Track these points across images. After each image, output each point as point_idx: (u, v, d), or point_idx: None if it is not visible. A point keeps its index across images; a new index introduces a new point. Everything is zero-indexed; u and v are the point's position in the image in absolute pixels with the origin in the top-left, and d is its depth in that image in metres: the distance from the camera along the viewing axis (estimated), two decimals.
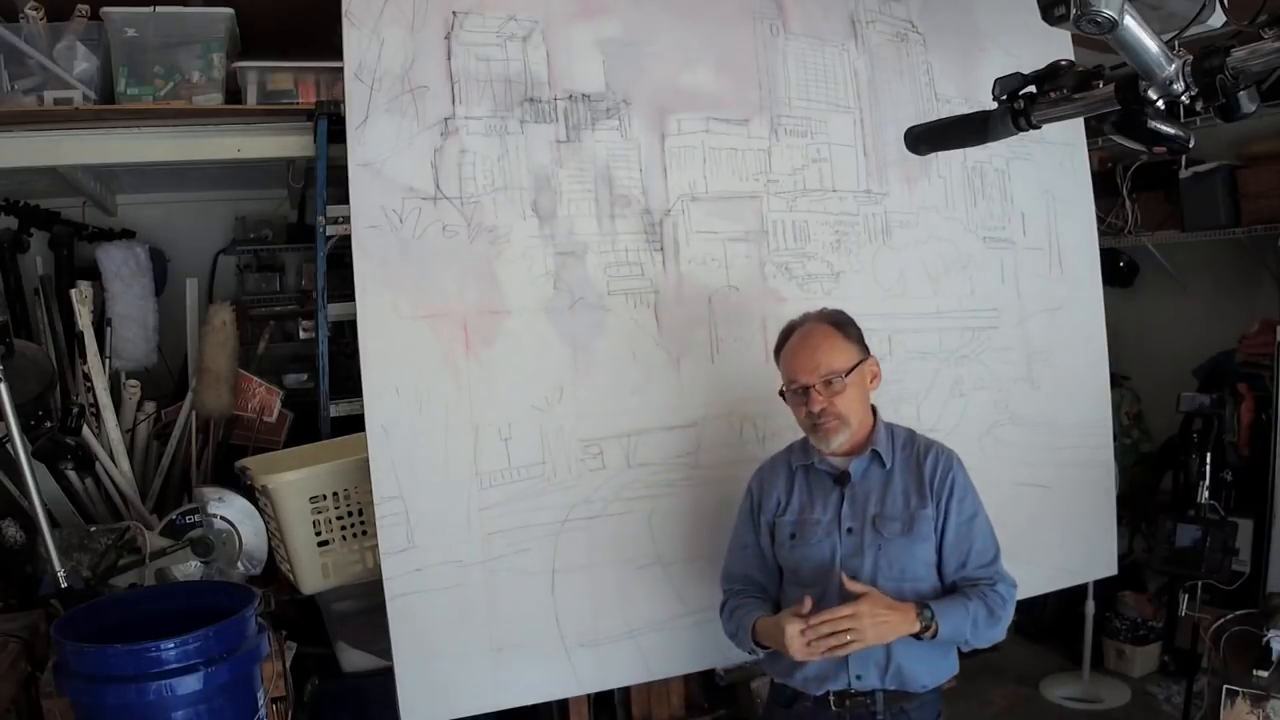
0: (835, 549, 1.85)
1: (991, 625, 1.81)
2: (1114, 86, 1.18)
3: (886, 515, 1.85)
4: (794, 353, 1.90)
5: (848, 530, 1.85)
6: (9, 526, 2.34)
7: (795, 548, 1.89)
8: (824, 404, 1.83)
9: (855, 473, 1.89)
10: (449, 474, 2.10)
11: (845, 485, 1.89)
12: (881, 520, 1.84)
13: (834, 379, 1.84)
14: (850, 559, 1.83)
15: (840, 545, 1.85)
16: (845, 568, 1.82)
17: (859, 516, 1.86)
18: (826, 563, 1.84)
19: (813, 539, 1.87)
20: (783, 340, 1.96)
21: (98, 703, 1.70)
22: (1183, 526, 3.12)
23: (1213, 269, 3.86)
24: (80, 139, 2.61)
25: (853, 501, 1.87)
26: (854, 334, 1.93)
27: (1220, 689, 2.23)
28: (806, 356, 1.87)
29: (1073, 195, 2.87)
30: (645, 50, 2.33)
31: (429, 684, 2.08)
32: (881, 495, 1.87)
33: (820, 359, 1.85)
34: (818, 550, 1.86)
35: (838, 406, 1.84)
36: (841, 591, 1.77)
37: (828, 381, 1.84)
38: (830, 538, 1.86)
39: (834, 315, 1.95)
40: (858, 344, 1.92)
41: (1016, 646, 3.94)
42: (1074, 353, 2.83)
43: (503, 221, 2.18)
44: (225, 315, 2.86)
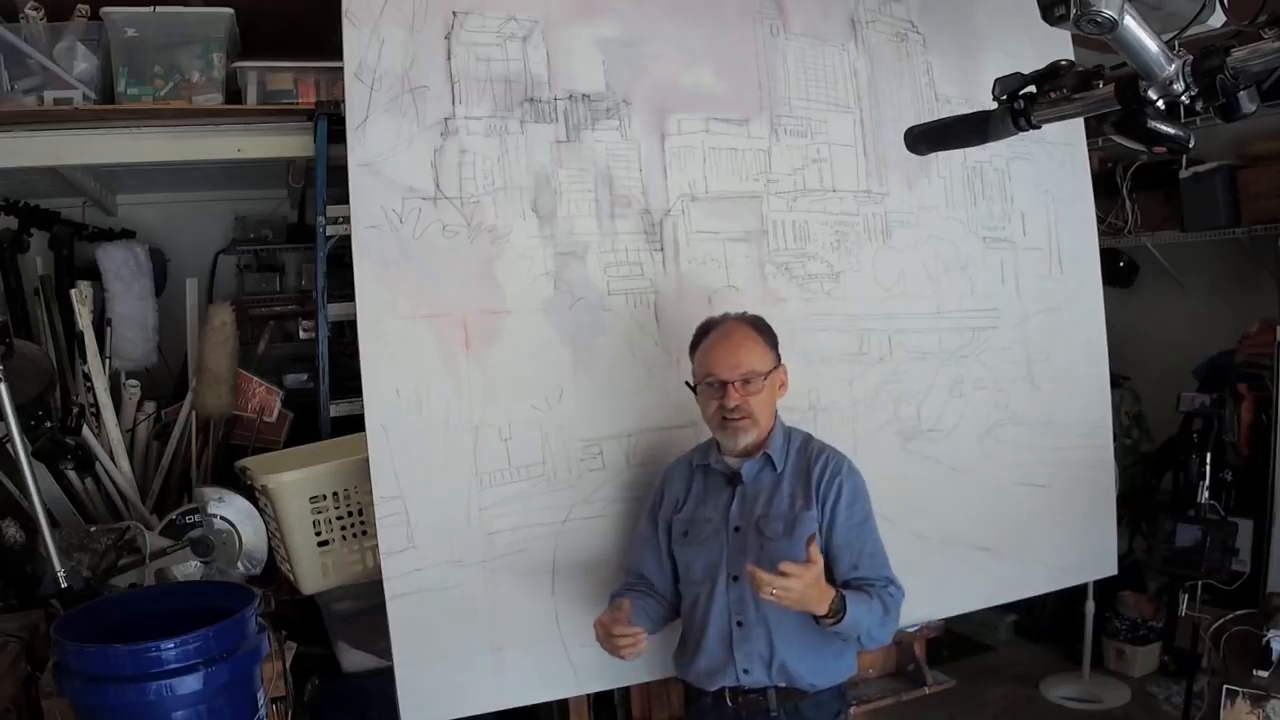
0: (722, 548, 1.90)
1: (886, 625, 1.82)
2: (1114, 86, 1.18)
3: (771, 516, 1.89)
4: (714, 348, 1.94)
5: (734, 529, 1.91)
6: (9, 526, 2.34)
7: (686, 545, 1.95)
8: (739, 401, 1.88)
9: (747, 474, 1.94)
10: (449, 474, 2.10)
11: (736, 485, 1.94)
12: (765, 521, 1.89)
13: (753, 379, 1.89)
14: (735, 556, 1.88)
15: (727, 544, 1.90)
16: (730, 567, 1.87)
17: (746, 516, 1.91)
18: (714, 561, 1.90)
19: (701, 536, 1.93)
20: (701, 335, 2.00)
21: (98, 703, 1.70)
22: (1183, 526, 3.13)
23: (1213, 269, 3.87)
24: (80, 139, 2.61)
25: (742, 502, 1.92)
26: (772, 340, 1.99)
27: (1220, 689, 2.23)
28: (729, 353, 1.91)
29: (1073, 195, 2.87)
30: (645, 50, 2.33)
31: (429, 684, 2.08)
32: (770, 497, 1.91)
33: (742, 358, 1.90)
34: (706, 548, 1.92)
35: (751, 406, 1.89)
36: (729, 588, 1.86)
37: (746, 380, 1.89)
38: (719, 536, 1.91)
39: (755, 319, 2.00)
40: (774, 350, 1.98)
41: (1016, 646, 3.95)
42: (1074, 353, 2.83)
43: (503, 221, 2.18)
44: (225, 315, 2.87)
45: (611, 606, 1.88)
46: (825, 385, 2.44)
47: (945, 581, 2.56)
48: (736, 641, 1.87)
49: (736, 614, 1.87)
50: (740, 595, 1.86)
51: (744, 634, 1.87)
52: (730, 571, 1.88)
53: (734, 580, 1.87)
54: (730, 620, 1.87)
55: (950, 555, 2.57)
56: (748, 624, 1.86)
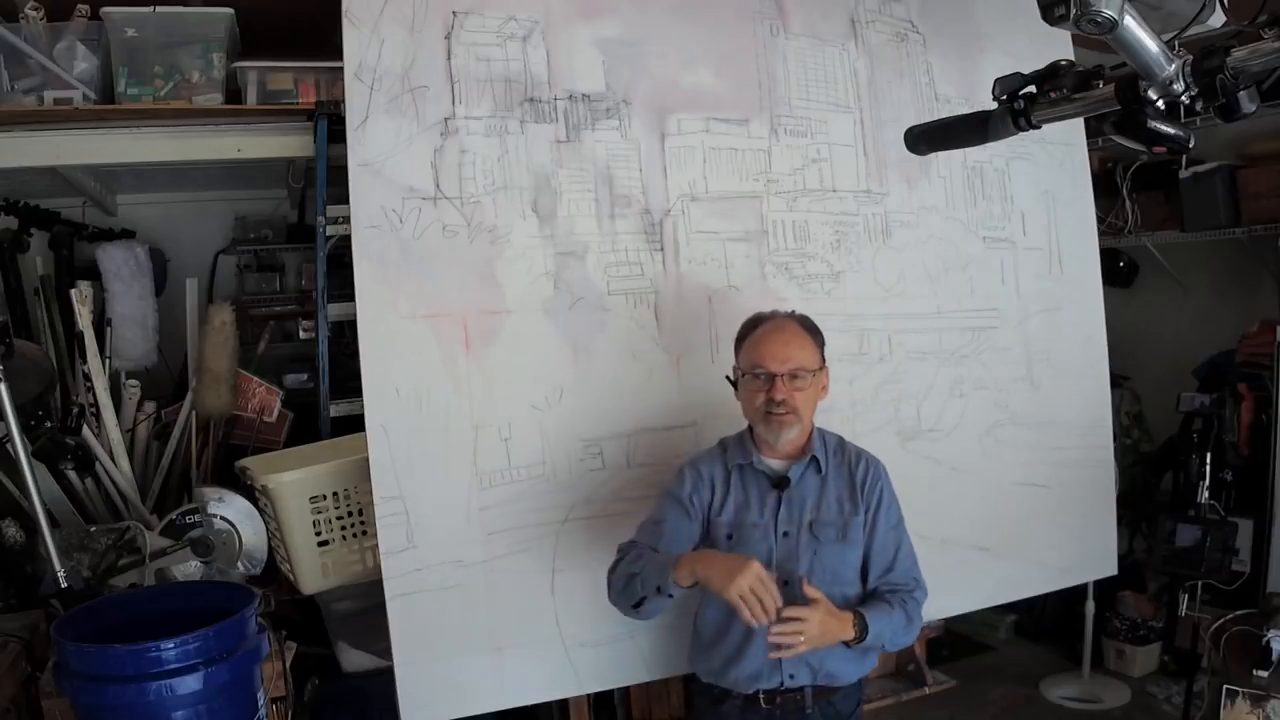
0: (771, 552, 1.86)
1: (908, 633, 1.87)
2: (1114, 86, 1.18)
3: (823, 521, 1.87)
4: (764, 341, 1.90)
5: (783, 534, 1.87)
6: (9, 526, 2.34)
7: (732, 549, 1.87)
8: (786, 395, 1.84)
9: (794, 477, 1.90)
10: (449, 474, 2.10)
11: (784, 489, 1.89)
12: (818, 525, 1.87)
13: (801, 374, 1.86)
14: (785, 562, 1.85)
15: (776, 548, 1.86)
16: (780, 571, 1.82)
17: (795, 520, 1.87)
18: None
19: (749, 541, 1.87)
20: (750, 328, 1.96)
21: (98, 703, 1.70)
22: (1183, 526, 3.12)
23: (1213, 269, 3.86)
24: (80, 139, 2.61)
25: (789, 505, 1.88)
26: (820, 341, 1.95)
27: (1220, 689, 2.23)
28: (779, 347, 1.88)
29: (1073, 195, 2.88)
30: (645, 50, 2.33)
31: (429, 684, 2.08)
32: (817, 501, 1.89)
33: (793, 353, 1.87)
34: (754, 552, 1.82)
35: (796, 401, 1.86)
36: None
37: (795, 375, 1.86)
38: (766, 540, 1.87)
39: (805, 319, 1.97)
40: (821, 352, 1.95)
41: (1016, 646, 3.95)
42: (1074, 353, 2.83)
43: (503, 221, 2.18)
44: (225, 315, 2.87)
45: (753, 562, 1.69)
46: None
47: (945, 581, 2.55)
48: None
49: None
50: (791, 599, 1.77)
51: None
52: (780, 577, 1.80)
53: (783, 586, 1.79)
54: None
55: (950, 555, 2.57)
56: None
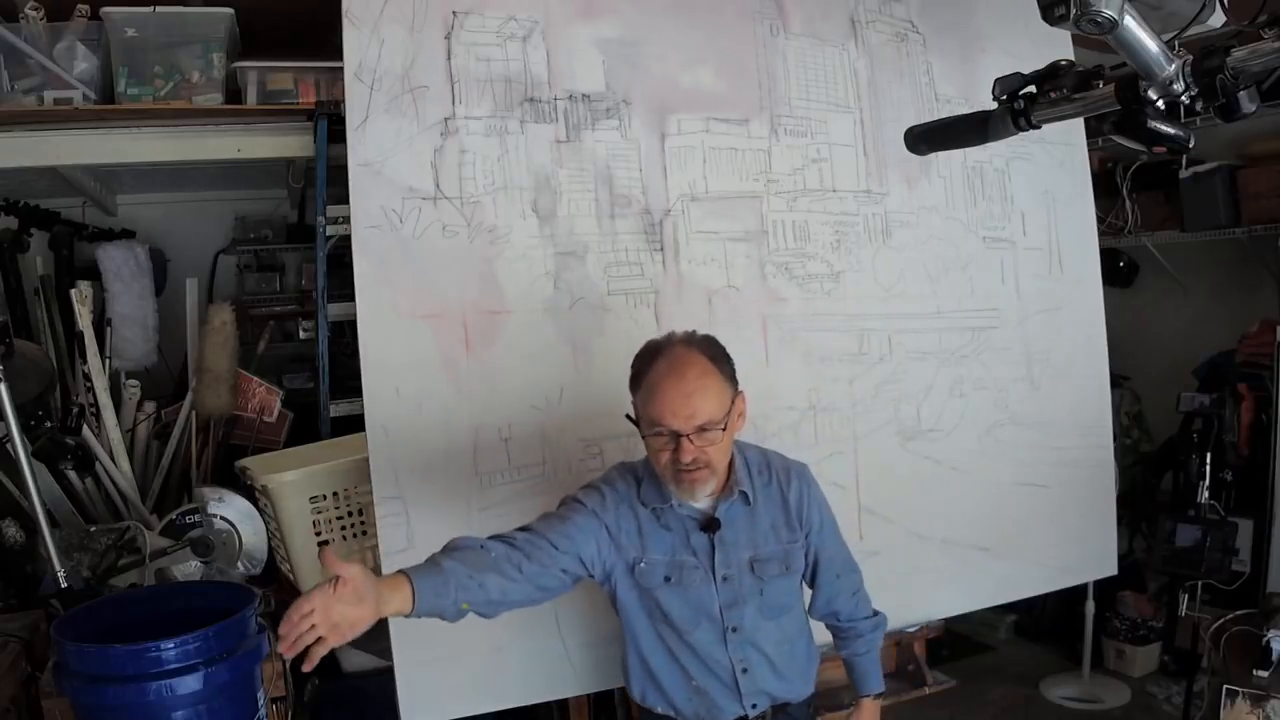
0: (714, 598, 1.72)
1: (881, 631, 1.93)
2: (1114, 86, 1.18)
3: (762, 557, 1.73)
4: (663, 390, 1.60)
5: (723, 579, 1.72)
6: (9, 526, 2.35)
7: (671, 590, 1.72)
8: (695, 454, 1.60)
9: (723, 517, 1.71)
10: (449, 474, 2.10)
11: (714, 532, 1.70)
12: (759, 563, 1.73)
13: (710, 429, 1.59)
14: (730, 609, 1.72)
15: (718, 595, 1.72)
16: (727, 619, 1.72)
17: (734, 563, 1.72)
18: (705, 608, 1.73)
19: (688, 582, 1.72)
20: (645, 364, 1.66)
21: (98, 703, 1.70)
22: (1183, 526, 3.13)
23: (1213, 269, 3.87)
24: (80, 139, 2.62)
25: (724, 546, 1.71)
26: (728, 369, 1.66)
27: (1220, 689, 2.23)
28: (680, 400, 1.58)
29: (1073, 195, 2.87)
30: (645, 50, 2.33)
31: (429, 684, 2.08)
32: (750, 535, 1.73)
33: (696, 405, 1.58)
34: (695, 594, 1.72)
35: (709, 455, 1.61)
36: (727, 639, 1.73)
37: (703, 430, 1.59)
38: (707, 585, 1.72)
39: (707, 345, 1.67)
40: (731, 380, 1.66)
41: (1016, 646, 3.95)
42: (1074, 353, 2.83)
43: (503, 221, 2.17)
44: (225, 315, 2.87)
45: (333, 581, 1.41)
46: (825, 385, 2.44)
47: (945, 581, 2.57)
48: (744, 684, 1.76)
49: (740, 662, 1.75)
50: (740, 643, 1.74)
51: (749, 677, 1.77)
52: (728, 624, 1.72)
53: (733, 631, 1.73)
54: (735, 668, 1.75)
55: (950, 555, 2.57)
56: (752, 667, 1.76)
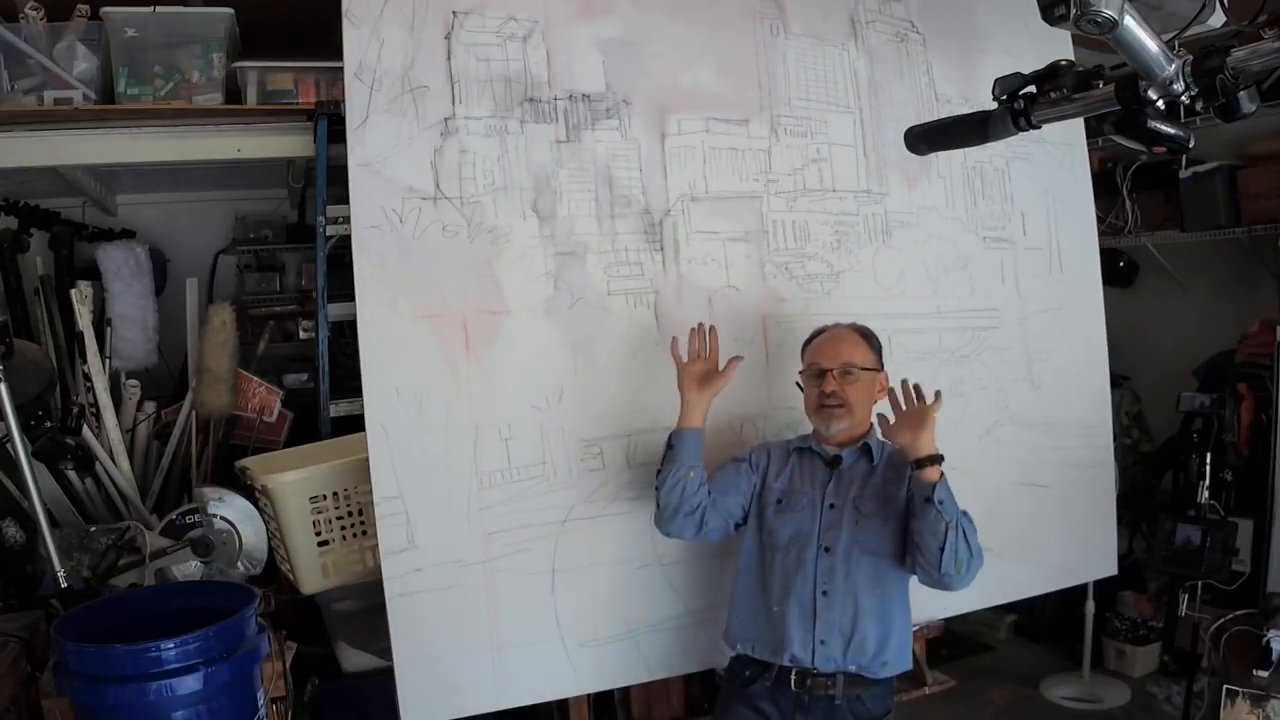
0: (815, 519, 2.01)
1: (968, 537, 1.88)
2: (1114, 86, 1.18)
3: (867, 497, 2.02)
4: (821, 343, 2.13)
5: (829, 505, 2.02)
6: (9, 526, 2.34)
7: (779, 513, 2.05)
8: (836, 388, 2.03)
9: (847, 459, 2.07)
10: (449, 474, 2.10)
11: (836, 468, 2.06)
12: (862, 500, 2.01)
13: (850, 370, 2.05)
14: (828, 530, 1.99)
15: (821, 517, 2.01)
16: (823, 539, 1.99)
17: (842, 495, 2.03)
18: (805, 531, 2.01)
19: (797, 506, 2.04)
20: (814, 336, 2.17)
21: (98, 703, 1.70)
22: (1183, 526, 3.13)
23: (1213, 269, 3.87)
24: (80, 139, 2.61)
25: (839, 482, 2.05)
26: (875, 345, 2.14)
27: (1220, 689, 2.23)
28: (831, 347, 2.10)
29: (1073, 195, 2.87)
30: (645, 50, 2.33)
31: (429, 684, 2.08)
32: (864, 483, 2.04)
33: (843, 351, 2.08)
34: (798, 517, 2.03)
35: (847, 394, 2.04)
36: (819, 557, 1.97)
37: (845, 371, 2.05)
38: (813, 508, 2.02)
39: (863, 328, 2.17)
40: (877, 355, 2.13)
41: (1016, 646, 3.95)
42: (1074, 353, 2.83)
43: (503, 221, 2.17)
44: (225, 315, 2.87)
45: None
46: None
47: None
48: (820, 610, 1.94)
49: (824, 584, 1.95)
50: (830, 567, 1.96)
51: (828, 604, 1.94)
52: (822, 543, 1.98)
53: (825, 551, 1.97)
54: (816, 589, 1.95)
55: None
56: (833, 594, 1.95)
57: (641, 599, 2.25)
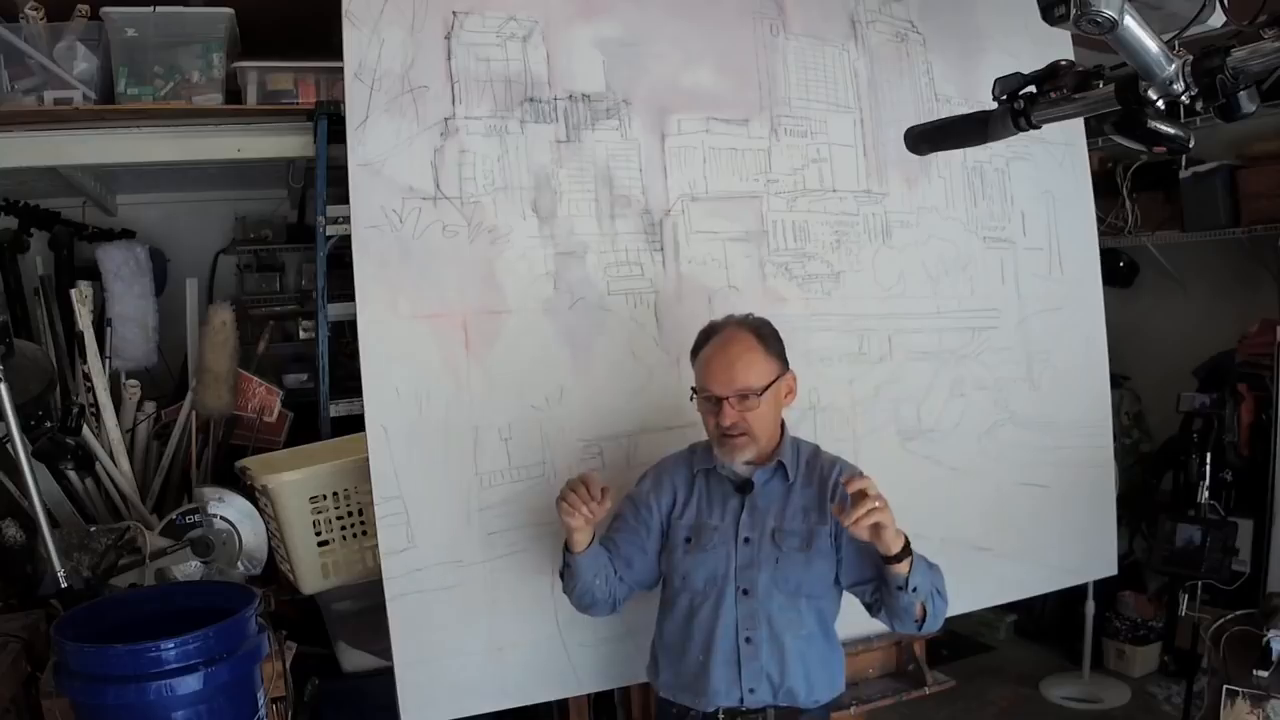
0: (730, 559, 1.81)
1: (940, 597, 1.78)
2: (1114, 86, 1.18)
3: (786, 530, 1.82)
4: (711, 361, 1.82)
5: (744, 540, 1.82)
6: (9, 526, 2.34)
7: (689, 554, 1.85)
8: (735, 419, 1.78)
9: (758, 482, 1.85)
10: (449, 474, 2.10)
11: (746, 494, 1.85)
12: (781, 534, 1.81)
13: (749, 395, 1.78)
14: (745, 570, 1.80)
15: (736, 555, 1.81)
16: (739, 579, 1.80)
17: (758, 527, 1.83)
18: (720, 572, 1.82)
19: (708, 545, 1.84)
20: (702, 341, 1.88)
21: (98, 703, 1.70)
22: (1183, 526, 3.13)
23: (1213, 269, 3.87)
24: (80, 139, 2.62)
25: (752, 511, 1.84)
26: (775, 347, 1.86)
27: (1220, 689, 2.23)
28: (723, 369, 1.80)
29: (1073, 195, 2.87)
30: (645, 50, 2.33)
31: (429, 684, 2.08)
32: (781, 508, 1.84)
33: (737, 374, 1.79)
34: (712, 557, 1.83)
35: (748, 422, 1.79)
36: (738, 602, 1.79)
37: (743, 396, 1.78)
38: (726, 545, 1.83)
39: (757, 325, 1.87)
40: (778, 358, 1.86)
41: (1016, 646, 3.95)
42: (1074, 353, 2.83)
43: (503, 221, 2.17)
44: (225, 315, 2.87)
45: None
46: (825, 385, 2.44)
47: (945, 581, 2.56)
48: (745, 659, 1.79)
49: (746, 629, 1.79)
50: (750, 610, 1.79)
51: (753, 651, 1.79)
52: (740, 585, 1.80)
53: (744, 594, 1.79)
54: (738, 636, 1.79)
55: (950, 555, 2.53)
56: (757, 640, 1.79)
57: (641, 599, 2.23)
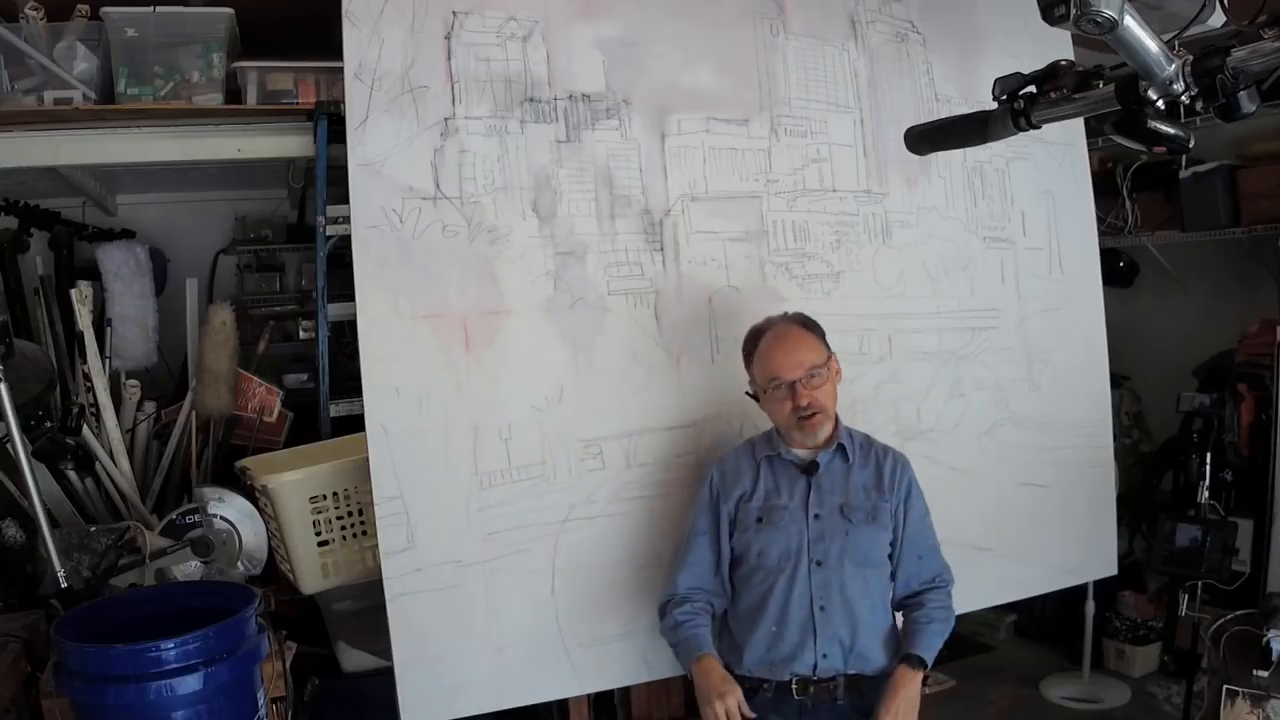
0: (803, 534, 1.95)
1: (947, 629, 1.98)
2: (1114, 86, 1.18)
3: (852, 504, 1.97)
4: (772, 352, 1.98)
5: (814, 516, 1.96)
6: (9, 526, 2.34)
7: (761, 531, 1.97)
8: (810, 397, 1.94)
9: (822, 463, 1.99)
10: (449, 474, 2.10)
11: (813, 474, 1.99)
12: (849, 508, 1.96)
13: (816, 373, 1.95)
14: (817, 543, 1.94)
15: (808, 530, 1.95)
16: (813, 552, 1.94)
17: (825, 504, 1.97)
18: (793, 547, 1.95)
19: (780, 522, 1.96)
20: (754, 341, 2.05)
21: (98, 703, 1.70)
22: (1183, 526, 3.13)
23: (1213, 269, 3.86)
24: (80, 139, 2.62)
25: (819, 490, 1.98)
26: (821, 333, 2.04)
27: (1220, 689, 2.22)
28: (787, 355, 1.96)
29: (1073, 195, 2.87)
30: (645, 50, 2.33)
31: (429, 684, 2.08)
32: (845, 486, 1.99)
33: (802, 356, 1.96)
34: (784, 534, 1.95)
35: (821, 400, 1.95)
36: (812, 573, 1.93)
37: (812, 375, 1.94)
38: (797, 523, 1.96)
39: (802, 317, 2.06)
40: (824, 340, 2.04)
41: (1016, 646, 3.95)
42: (1074, 353, 2.83)
43: (503, 221, 2.17)
44: (225, 315, 2.86)
45: (729, 684, 1.87)
46: None
47: None
48: (820, 625, 1.91)
49: (820, 599, 1.92)
50: (824, 579, 1.92)
51: (826, 618, 1.91)
52: (813, 557, 1.93)
53: (817, 565, 1.93)
54: (813, 605, 1.92)
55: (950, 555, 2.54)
56: (830, 608, 1.92)
57: (641, 599, 2.25)
